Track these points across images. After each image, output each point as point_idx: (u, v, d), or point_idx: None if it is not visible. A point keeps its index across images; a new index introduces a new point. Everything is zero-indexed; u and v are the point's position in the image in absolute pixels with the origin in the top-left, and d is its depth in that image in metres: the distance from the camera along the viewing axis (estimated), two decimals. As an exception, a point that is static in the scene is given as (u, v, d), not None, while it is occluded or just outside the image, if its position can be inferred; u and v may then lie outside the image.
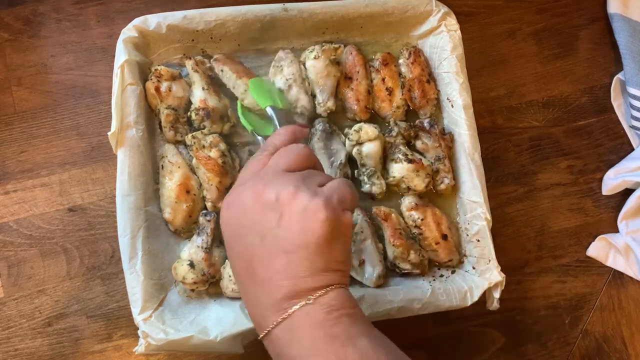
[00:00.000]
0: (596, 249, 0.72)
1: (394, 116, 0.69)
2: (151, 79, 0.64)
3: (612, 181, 0.73)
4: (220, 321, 0.58)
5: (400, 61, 0.70)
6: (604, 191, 0.74)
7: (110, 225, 0.66)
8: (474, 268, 0.64)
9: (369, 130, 0.65)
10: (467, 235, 0.65)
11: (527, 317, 0.69)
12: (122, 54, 0.62)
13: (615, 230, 0.73)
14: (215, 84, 0.66)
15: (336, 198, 0.43)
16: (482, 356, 0.68)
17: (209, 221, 0.62)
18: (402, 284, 0.63)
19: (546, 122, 0.76)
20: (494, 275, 0.62)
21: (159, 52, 0.67)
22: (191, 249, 0.61)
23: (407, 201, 0.65)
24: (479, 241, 0.64)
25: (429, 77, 0.69)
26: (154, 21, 0.64)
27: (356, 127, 0.66)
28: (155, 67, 0.65)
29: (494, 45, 0.77)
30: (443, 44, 0.68)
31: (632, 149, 0.76)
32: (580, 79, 0.78)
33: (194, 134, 0.63)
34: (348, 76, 0.68)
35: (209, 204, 0.63)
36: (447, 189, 0.66)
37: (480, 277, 0.63)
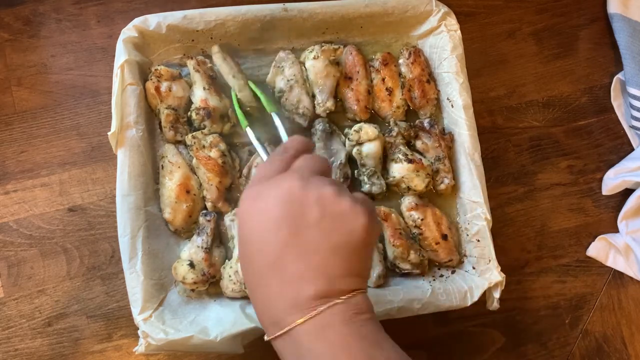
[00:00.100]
0: (596, 249, 0.72)
1: (394, 116, 0.69)
2: (151, 79, 0.64)
3: (612, 181, 0.73)
4: (220, 321, 0.58)
5: (400, 61, 0.70)
6: (604, 191, 0.74)
7: (110, 225, 0.66)
8: (474, 268, 0.64)
9: (369, 130, 0.65)
10: (467, 235, 0.65)
11: (527, 317, 0.69)
12: (122, 54, 0.62)
13: (615, 230, 0.73)
14: (216, 84, 0.66)
15: (371, 208, 0.45)
16: (482, 356, 0.68)
17: (209, 221, 0.62)
18: (402, 284, 0.63)
19: (546, 122, 0.76)
20: (494, 275, 0.62)
21: (159, 52, 0.67)
22: (191, 249, 0.61)
23: (407, 201, 0.65)
24: (479, 241, 0.64)
25: (429, 77, 0.69)
26: (154, 21, 0.64)
27: (356, 127, 0.66)
28: (155, 67, 0.65)
29: (494, 45, 0.78)
30: (443, 44, 0.68)
31: (632, 149, 0.76)
32: (580, 79, 0.78)
33: (194, 134, 0.63)
34: (348, 76, 0.68)
35: (209, 204, 0.63)
36: (447, 189, 0.66)
37: (480, 277, 0.63)
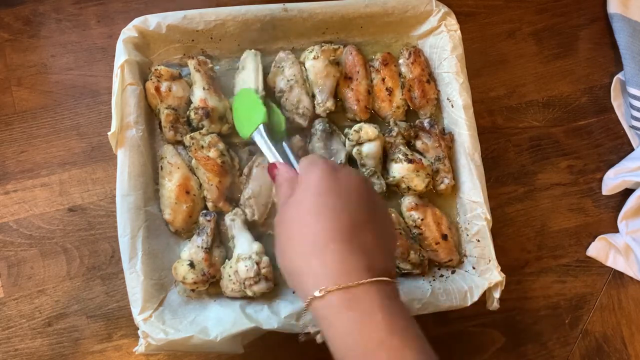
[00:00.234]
0: (596, 249, 0.72)
1: (394, 116, 0.69)
2: (151, 79, 0.64)
3: (612, 181, 0.73)
4: (220, 321, 0.58)
5: (400, 61, 0.70)
6: (604, 191, 0.74)
7: (110, 225, 0.66)
8: (474, 268, 0.64)
9: (369, 130, 0.65)
10: (467, 235, 0.65)
11: (527, 317, 0.69)
12: (122, 54, 0.62)
13: (615, 230, 0.73)
14: (216, 84, 0.66)
15: None
16: (482, 356, 0.68)
17: (209, 221, 0.62)
18: (402, 284, 0.63)
19: (546, 122, 0.76)
20: (494, 275, 0.62)
21: (159, 52, 0.67)
22: (191, 249, 0.61)
23: (407, 201, 0.65)
24: (479, 241, 0.64)
25: (429, 77, 0.69)
26: (154, 21, 0.64)
27: (356, 127, 0.66)
28: (155, 67, 0.65)
29: (494, 45, 0.78)
30: (443, 44, 0.68)
31: (632, 149, 0.76)
32: (580, 79, 0.78)
33: (192, 134, 0.63)
34: (348, 76, 0.68)
35: (209, 204, 0.63)
36: (447, 189, 0.66)
37: (480, 277, 0.63)
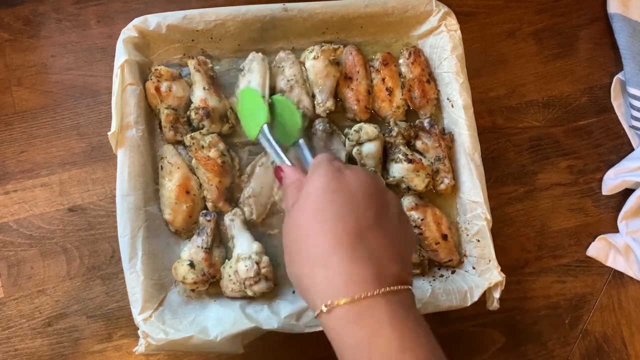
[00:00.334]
0: (596, 249, 0.72)
1: (394, 116, 0.69)
2: (151, 79, 0.64)
3: (612, 181, 0.73)
4: (220, 321, 0.58)
5: (400, 61, 0.70)
6: (604, 191, 0.74)
7: (110, 225, 0.66)
8: (474, 268, 0.64)
9: (369, 130, 0.65)
10: (467, 235, 0.65)
11: (527, 317, 0.69)
12: (122, 54, 0.62)
13: (615, 230, 0.73)
14: (216, 84, 0.66)
15: None
16: (482, 356, 0.68)
17: (209, 221, 0.62)
18: (402, 284, 0.63)
19: (546, 122, 0.76)
20: (494, 275, 0.62)
21: (159, 52, 0.67)
22: (191, 249, 0.61)
23: (407, 201, 0.65)
24: (479, 241, 0.64)
25: (429, 77, 0.69)
26: (154, 21, 0.64)
27: (356, 127, 0.66)
28: (155, 67, 0.65)
29: (494, 45, 0.78)
30: (443, 44, 0.68)
31: (632, 149, 0.76)
32: (580, 79, 0.78)
33: (192, 134, 0.63)
34: (348, 76, 0.68)
35: (209, 204, 0.63)
36: (447, 189, 0.66)
37: (480, 277, 0.63)
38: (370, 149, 0.65)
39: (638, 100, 0.74)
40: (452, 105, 0.68)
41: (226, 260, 0.62)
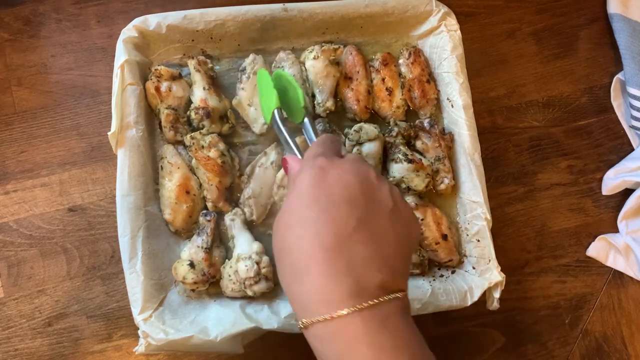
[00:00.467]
0: (596, 249, 0.72)
1: (394, 116, 0.69)
2: (151, 79, 0.64)
3: (612, 181, 0.73)
4: (220, 321, 0.58)
5: (400, 61, 0.70)
6: (604, 191, 0.74)
7: (110, 225, 0.66)
8: (474, 268, 0.64)
9: (369, 130, 0.65)
10: (467, 235, 0.65)
11: (527, 317, 0.69)
12: (122, 54, 0.62)
13: (615, 230, 0.73)
14: (216, 84, 0.66)
15: None
16: (482, 356, 0.68)
17: (209, 221, 0.62)
18: (402, 284, 0.63)
19: (546, 122, 0.76)
20: (494, 275, 0.62)
21: (159, 52, 0.67)
22: (191, 249, 0.61)
23: (407, 201, 0.65)
24: (479, 241, 0.64)
25: (429, 77, 0.69)
26: (154, 21, 0.64)
27: (356, 127, 0.66)
28: (155, 67, 0.65)
29: (494, 45, 0.78)
30: (443, 44, 0.68)
31: (632, 149, 0.76)
32: (580, 79, 0.78)
33: (192, 134, 0.63)
34: (348, 76, 0.68)
35: (209, 204, 0.63)
36: (447, 189, 0.66)
37: (480, 277, 0.63)
38: (370, 149, 0.65)
39: (638, 100, 0.74)
40: (452, 105, 0.68)
41: (226, 260, 0.62)
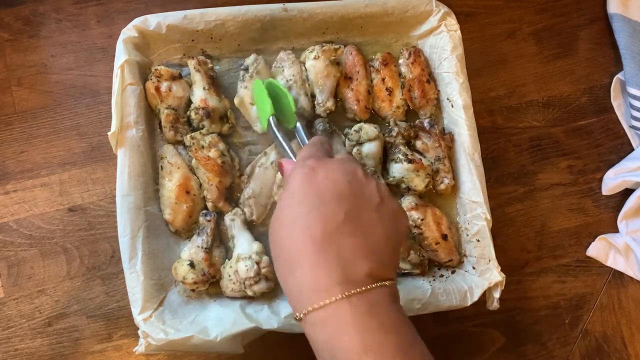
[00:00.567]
0: (596, 249, 0.72)
1: (394, 116, 0.69)
2: (151, 79, 0.64)
3: (612, 181, 0.73)
4: (220, 321, 0.58)
5: (400, 61, 0.70)
6: (604, 191, 0.74)
7: (110, 225, 0.66)
8: (474, 268, 0.64)
9: (369, 130, 0.65)
10: (467, 235, 0.65)
11: (527, 317, 0.69)
12: (122, 54, 0.62)
13: (615, 230, 0.73)
14: (216, 84, 0.66)
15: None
16: (482, 356, 0.68)
17: (209, 221, 0.62)
18: (402, 283, 0.63)
19: (546, 122, 0.76)
20: (494, 275, 0.62)
21: (159, 52, 0.67)
22: (191, 249, 0.61)
23: (407, 201, 0.65)
24: (479, 241, 0.64)
25: (429, 77, 0.69)
26: (154, 21, 0.64)
27: (356, 127, 0.66)
28: (155, 67, 0.65)
29: (494, 45, 0.78)
30: (443, 44, 0.68)
31: (632, 149, 0.76)
32: (580, 79, 0.78)
33: (192, 134, 0.63)
34: (348, 76, 0.68)
35: (209, 204, 0.63)
36: (447, 189, 0.66)
37: (480, 277, 0.63)
38: (370, 149, 0.65)
39: (638, 100, 0.74)
40: (452, 105, 0.68)
41: (226, 260, 0.62)
